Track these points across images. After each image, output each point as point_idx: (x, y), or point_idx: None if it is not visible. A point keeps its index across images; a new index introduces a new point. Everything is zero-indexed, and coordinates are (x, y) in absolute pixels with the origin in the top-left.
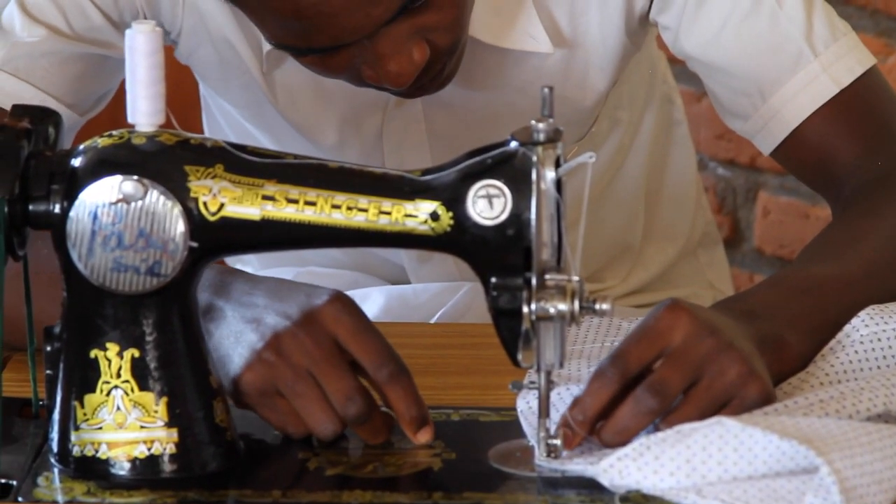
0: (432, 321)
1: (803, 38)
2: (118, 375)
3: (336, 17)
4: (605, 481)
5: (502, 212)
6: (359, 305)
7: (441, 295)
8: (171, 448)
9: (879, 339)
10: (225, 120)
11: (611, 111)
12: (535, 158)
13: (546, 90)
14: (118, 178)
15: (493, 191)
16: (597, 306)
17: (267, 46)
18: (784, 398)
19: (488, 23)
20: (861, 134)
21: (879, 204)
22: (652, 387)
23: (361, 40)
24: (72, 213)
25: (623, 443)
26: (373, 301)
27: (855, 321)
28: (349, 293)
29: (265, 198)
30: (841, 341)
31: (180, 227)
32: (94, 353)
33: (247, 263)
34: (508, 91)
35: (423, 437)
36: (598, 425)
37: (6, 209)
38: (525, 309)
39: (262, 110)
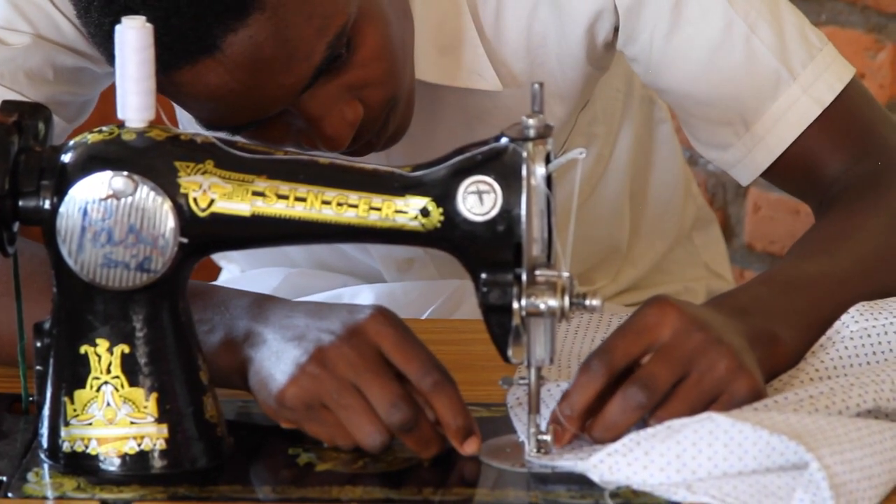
0: (422, 318)
1: (779, 61)
2: (108, 371)
3: (249, 93)
4: (595, 477)
5: (492, 208)
6: (401, 319)
7: (431, 292)
8: (160, 444)
9: (869, 335)
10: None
11: (585, 128)
12: (525, 154)
13: (536, 86)
14: (108, 173)
15: (483, 187)
16: (587, 302)
17: None
18: (774, 394)
19: (434, 63)
20: (846, 145)
21: (869, 203)
22: (640, 382)
23: (287, 110)
24: (62, 209)
25: (613, 439)
26: (363, 299)
27: (845, 317)
28: (340, 291)
29: (255, 194)
30: (831, 338)
31: (170, 222)
32: (83, 348)
33: (233, 262)
34: (466, 123)
35: (470, 447)
36: (588, 422)
37: None
38: (515, 305)
39: None
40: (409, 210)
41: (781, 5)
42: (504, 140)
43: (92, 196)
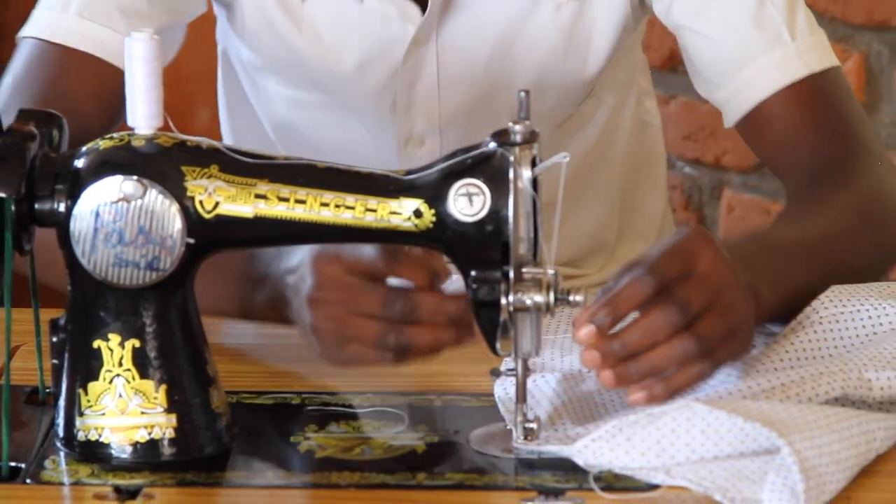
0: None
1: (784, 23)
2: (120, 364)
3: None
4: (579, 461)
5: (482, 209)
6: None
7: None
8: (170, 433)
9: (838, 321)
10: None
11: (598, 91)
12: (512, 158)
13: (522, 94)
14: (119, 178)
15: (472, 189)
16: (571, 298)
17: None
18: (748, 380)
19: None
20: (823, 123)
21: (840, 190)
22: (679, 304)
23: None
24: (75, 212)
25: (645, 346)
26: None
27: (815, 303)
28: None
29: (258, 196)
30: (801, 322)
31: (178, 224)
32: (97, 343)
33: None
34: (519, 41)
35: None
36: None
37: (13, 208)
38: (503, 300)
39: (284, 47)
40: (402, 211)
41: None
42: (492, 145)
43: (104, 199)
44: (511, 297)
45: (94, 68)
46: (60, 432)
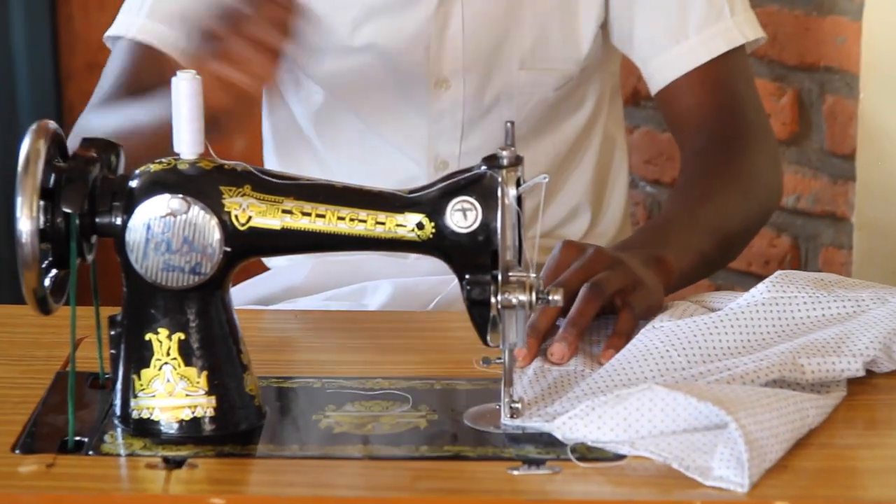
0: (430, 306)
1: (700, 10)
2: (168, 354)
3: None
4: (558, 435)
5: (474, 222)
6: None
7: (436, 286)
8: (210, 412)
9: (777, 304)
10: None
11: (580, 88)
12: (500, 179)
13: (508, 124)
14: (167, 196)
15: (466, 205)
16: (550, 297)
17: None
18: (701, 366)
19: None
20: (719, 104)
21: (723, 168)
22: (594, 285)
23: None
24: (130, 225)
25: (580, 324)
26: (383, 290)
27: (760, 286)
28: (366, 284)
29: (284, 211)
30: (747, 300)
31: (217, 235)
32: (148, 336)
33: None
34: None
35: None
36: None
37: (78, 221)
38: (493, 300)
39: (337, 13)
40: (407, 224)
41: None
42: (483, 168)
43: (154, 214)
44: (499, 297)
45: (157, 58)
46: (117, 411)
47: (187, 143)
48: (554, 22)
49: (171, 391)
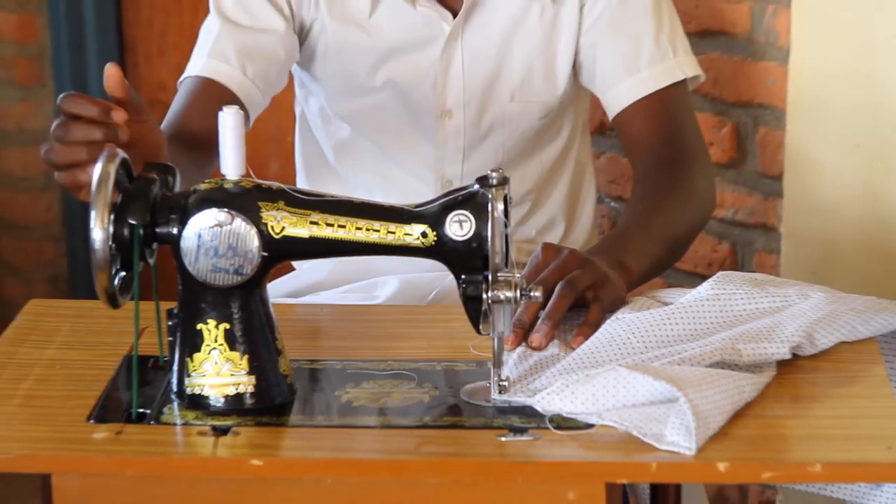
0: (429, 297)
1: (649, 48)
2: (215, 341)
3: None
4: (538, 408)
5: (469, 231)
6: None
7: (434, 280)
8: (251, 388)
9: (719, 299)
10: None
11: (560, 117)
12: (490, 196)
13: (498, 158)
14: (214, 210)
15: (462, 217)
16: (531, 294)
17: None
18: (656, 350)
19: None
20: (665, 131)
21: (671, 184)
22: (568, 282)
23: None
24: (184, 234)
25: (557, 315)
26: (391, 284)
27: (705, 284)
28: (376, 280)
29: (311, 222)
30: (694, 296)
31: (256, 242)
32: (199, 326)
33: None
34: (517, 36)
35: (118, 118)
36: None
37: (141, 232)
38: (484, 296)
39: (358, 55)
40: (413, 233)
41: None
42: (476, 186)
43: (204, 225)
44: (490, 293)
45: (217, 91)
46: (174, 388)
47: (232, 167)
48: (537, 62)
49: (219, 371)
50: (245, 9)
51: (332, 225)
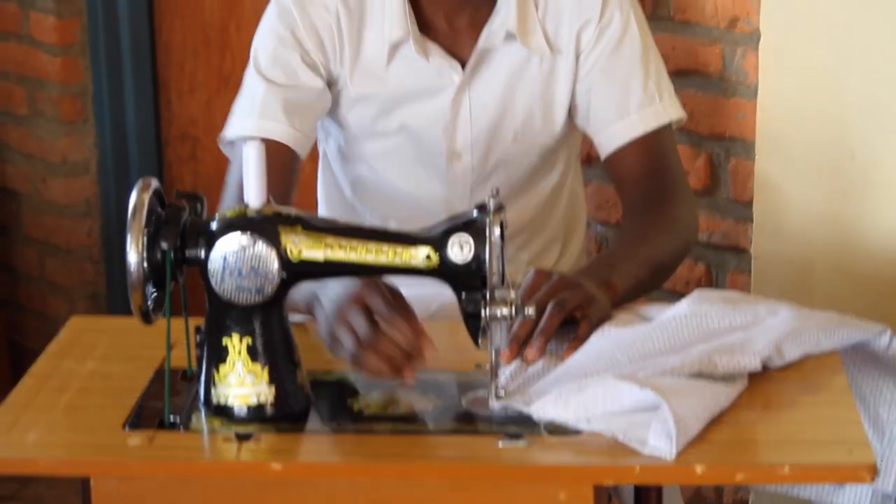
0: (432, 309)
1: (638, 94)
2: (239, 354)
3: None
4: (534, 416)
5: (469, 254)
6: (385, 283)
7: (437, 296)
8: (271, 398)
9: (696, 316)
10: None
11: (555, 156)
12: (488, 222)
13: (495, 190)
14: (238, 234)
15: (463, 241)
16: (526, 311)
17: (388, 42)
18: (640, 362)
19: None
20: (652, 168)
21: (657, 216)
22: (559, 303)
23: None
24: (211, 256)
25: (547, 332)
26: None
27: (682, 302)
28: None
29: (326, 246)
30: (672, 314)
31: (276, 264)
32: (224, 340)
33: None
34: (518, 85)
35: (423, 356)
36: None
37: (172, 255)
38: (483, 313)
39: (377, 103)
40: (418, 255)
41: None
42: (475, 212)
43: (229, 248)
44: (487, 311)
45: (272, 148)
46: (201, 398)
47: (254, 196)
48: (536, 107)
49: (242, 382)
50: (284, 69)
51: (345, 248)
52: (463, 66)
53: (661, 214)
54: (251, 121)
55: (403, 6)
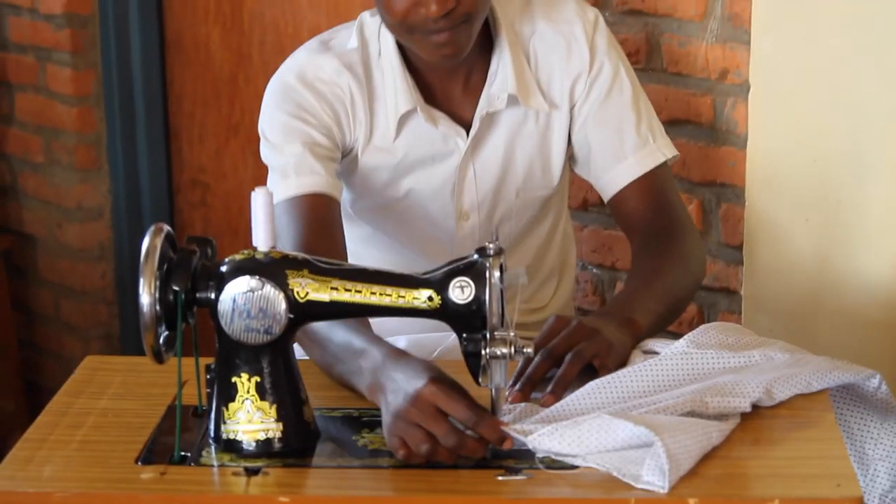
0: (434, 354)
1: (634, 136)
2: (248, 392)
3: None
4: (531, 446)
5: (469, 296)
6: (447, 376)
7: (438, 340)
8: (278, 434)
9: (692, 357)
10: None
11: (552, 205)
12: (488, 265)
13: (494, 234)
14: (247, 277)
15: (464, 283)
16: (524, 350)
17: (397, 114)
18: (635, 400)
19: (520, 88)
20: (656, 206)
21: (666, 250)
22: (580, 353)
23: None
24: (221, 298)
25: (566, 381)
26: (400, 343)
27: (679, 342)
28: (387, 339)
29: (332, 288)
30: (665, 354)
31: (283, 305)
32: (234, 379)
33: None
34: (517, 143)
35: (506, 445)
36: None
37: (183, 296)
38: (483, 352)
39: (387, 171)
40: (421, 297)
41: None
42: (475, 256)
43: (238, 290)
44: (488, 350)
45: (316, 201)
46: (211, 434)
47: (263, 240)
48: (536, 162)
49: (250, 419)
50: (298, 134)
51: (349, 290)
52: (466, 128)
53: (671, 250)
54: (290, 181)
55: (407, 78)
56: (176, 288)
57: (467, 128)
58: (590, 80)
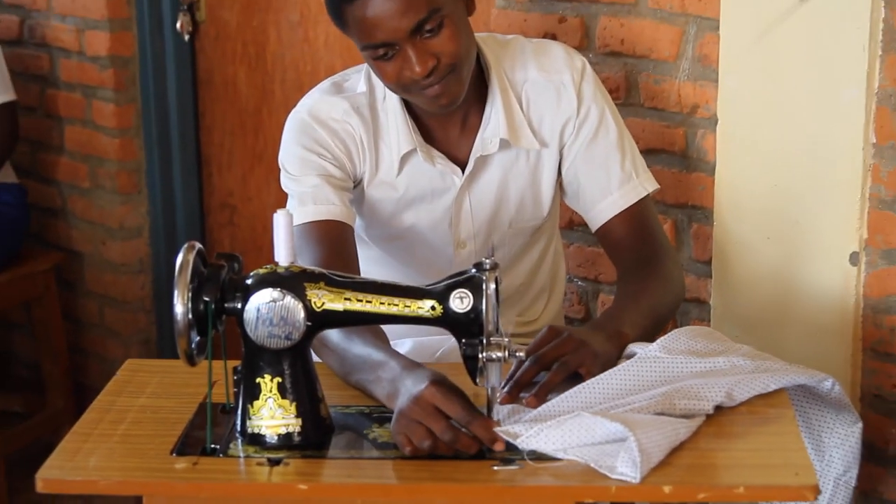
0: (436, 356)
1: (619, 170)
2: (271, 391)
3: (388, 19)
4: (519, 445)
5: (468, 305)
6: (448, 381)
7: (439, 343)
8: (298, 429)
9: (662, 362)
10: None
11: (544, 229)
12: (484, 278)
13: (491, 247)
14: (270, 289)
15: (463, 294)
16: (517, 354)
17: (399, 153)
18: (613, 401)
19: (511, 130)
20: (640, 234)
21: (651, 273)
22: (562, 363)
23: (405, 54)
24: (246, 308)
25: (546, 390)
26: (406, 346)
27: (653, 346)
28: (394, 342)
29: (346, 299)
30: (641, 356)
31: (302, 314)
32: (258, 380)
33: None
34: (510, 178)
35: (498, 447)
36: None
37: (213, 306)
38: (480, 355)
39: (390, 204)
40: (424, 307)
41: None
42: (474, 271)
43: (262, 301)
44: (484, 354)
45: (331, 227)
46: (238, 428)
47: (283, 257)
48: (527, 196)
49: (273, 415)
50: (314, 167)
51: (361, 301)
52: (461, 167)
53: (655, 272)
54: (308, 209)
55: (408, 121)
56: (206, 299)
57: (463, 166)
58: (578, 123)
